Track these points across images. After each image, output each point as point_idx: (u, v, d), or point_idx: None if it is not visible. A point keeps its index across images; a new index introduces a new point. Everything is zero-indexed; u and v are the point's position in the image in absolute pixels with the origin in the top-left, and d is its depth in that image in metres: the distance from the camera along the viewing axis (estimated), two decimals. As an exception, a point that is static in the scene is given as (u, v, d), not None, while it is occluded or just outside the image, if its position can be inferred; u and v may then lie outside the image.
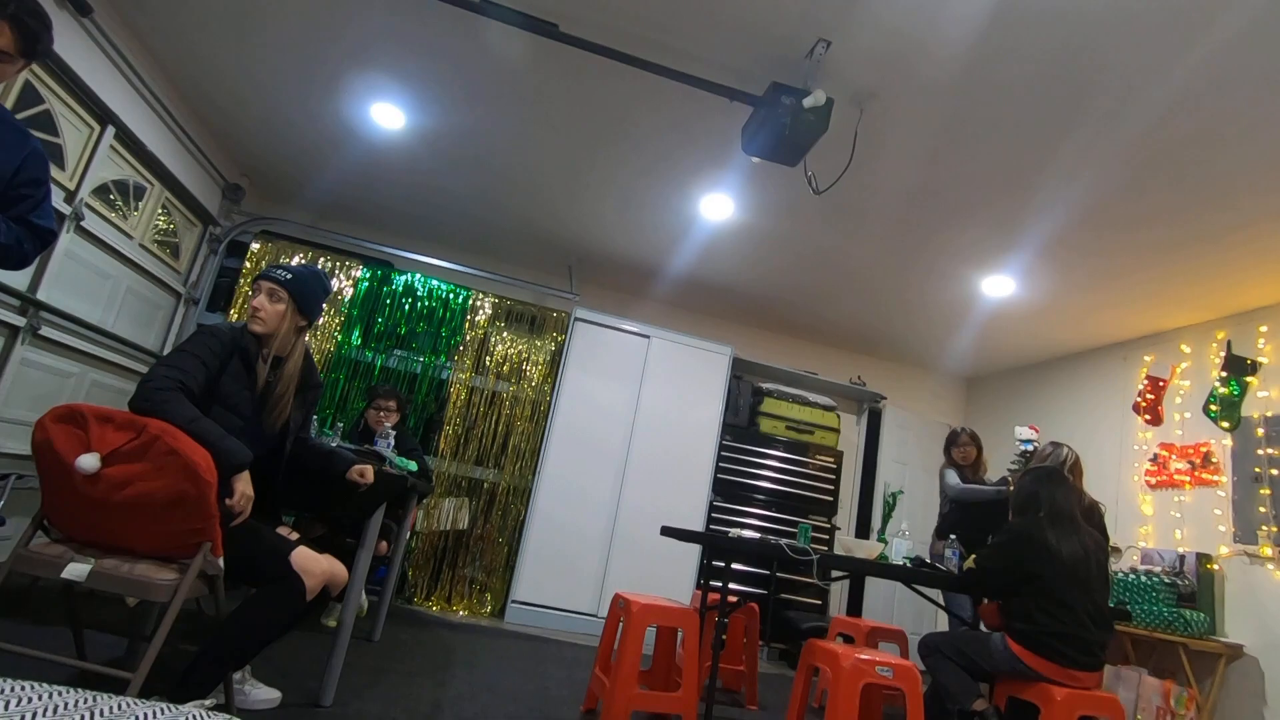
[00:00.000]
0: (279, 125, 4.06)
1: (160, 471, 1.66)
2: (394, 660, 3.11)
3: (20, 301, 3.10)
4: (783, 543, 2.77)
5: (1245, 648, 3.63)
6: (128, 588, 1.70)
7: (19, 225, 1.77)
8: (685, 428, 5.14)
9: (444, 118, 3.66)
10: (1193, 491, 4.16)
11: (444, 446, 4.85)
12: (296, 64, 3.40)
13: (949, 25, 2.44)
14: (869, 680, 2.40)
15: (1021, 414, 5.57)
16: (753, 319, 6.02)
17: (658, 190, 4.03)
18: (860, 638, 3.66)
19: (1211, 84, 2.48)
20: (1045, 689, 2.48)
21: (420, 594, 4.64)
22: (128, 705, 0.89)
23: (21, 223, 1.77)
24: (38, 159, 1.81)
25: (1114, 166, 3.04)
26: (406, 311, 5.01)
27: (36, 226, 1.81)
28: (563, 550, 4.77)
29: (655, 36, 2.77)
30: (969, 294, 4.65)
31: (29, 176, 1.77)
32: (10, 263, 1.80)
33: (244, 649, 1.86)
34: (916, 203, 3.66)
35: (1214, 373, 4.16)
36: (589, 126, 3.51)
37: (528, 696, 2.95)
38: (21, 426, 3.22)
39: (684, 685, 2.65)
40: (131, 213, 3.85)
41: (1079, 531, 2.68)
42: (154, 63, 3.60)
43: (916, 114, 2.96)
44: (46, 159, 1.85)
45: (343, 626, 2.40)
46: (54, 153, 3.15)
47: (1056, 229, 3.63)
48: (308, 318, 2.20)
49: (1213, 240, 3.45)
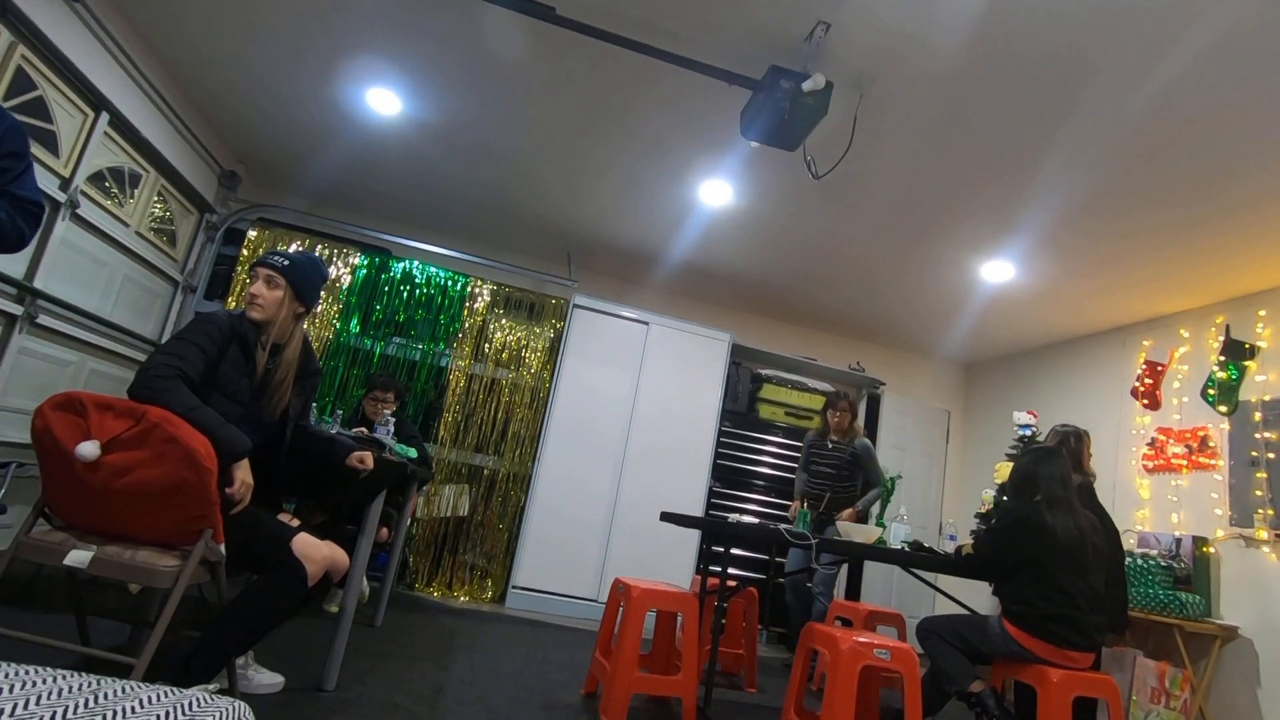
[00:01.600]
0: (275, 112, 4.03)
1: (160, 459, 1.66)
2: (396, 645, 3.14)
3: (17, 290, 3.09)
4: (781, 527, 2.79)
5: (1240, 630, 3.66)
6: (130, 574, 1.71)
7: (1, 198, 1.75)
8: (684, 414, 5.15)
9: (440, 103, 3.64)
10: (1190, 475, 4.18)
11: (444, 433, 4.86)
12: (291, 50, 3.37)
13: (949, 10, 2.42)
14: (867, 663, 2.42)
15: (1020, 399, 5.58)
16: (752, 305, 6.02)
17: (656, 176, 4.01)
18: (858, 621, 3.69)
19: (1207, 69, 2.47)
20: (1041, 670, 2.50)
21: (421, 580, 4.66)
22: (132, 689, 0.89)
23: (4, 195, 1.76)
24: (15, 133, 1.79)
25: (1112, 151, 3.02)
26: (405, 299, 5.00)
27: (19, 197, 1.79)
28: (563, 536, 4.80)
29: (653, 19, 2.74)
30: (968, 279, 4.64)
31: (7, 149, 1.76)
32: (8, 242, 1.79)
33: (247, 635, 1.88)
34: (916, 188, 3.65)
35: (1212, 357, 4.17)
36: (587, 111, 3.48)
37: (529, 680, 2.97)
38: (21, 415, 3.22)
39: (684, 669, 2.68)
40: (127, 200, 3.83)
41: (1074, 513, 2.69)
42: (148, 49, 3.57)
43: (916, 99, 2.94)
44: (24, 133, 1.84)
45: (345, 612, 2.42)
46: (48, 140, 3.13)
47: (1056, 214, 3.62)
48: (306, 304, 2.20)
49: (1211, 224, 3.44)
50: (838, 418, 4.38)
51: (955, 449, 6.30)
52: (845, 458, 4.32)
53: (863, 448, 4.39)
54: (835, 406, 4.41)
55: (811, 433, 4.60)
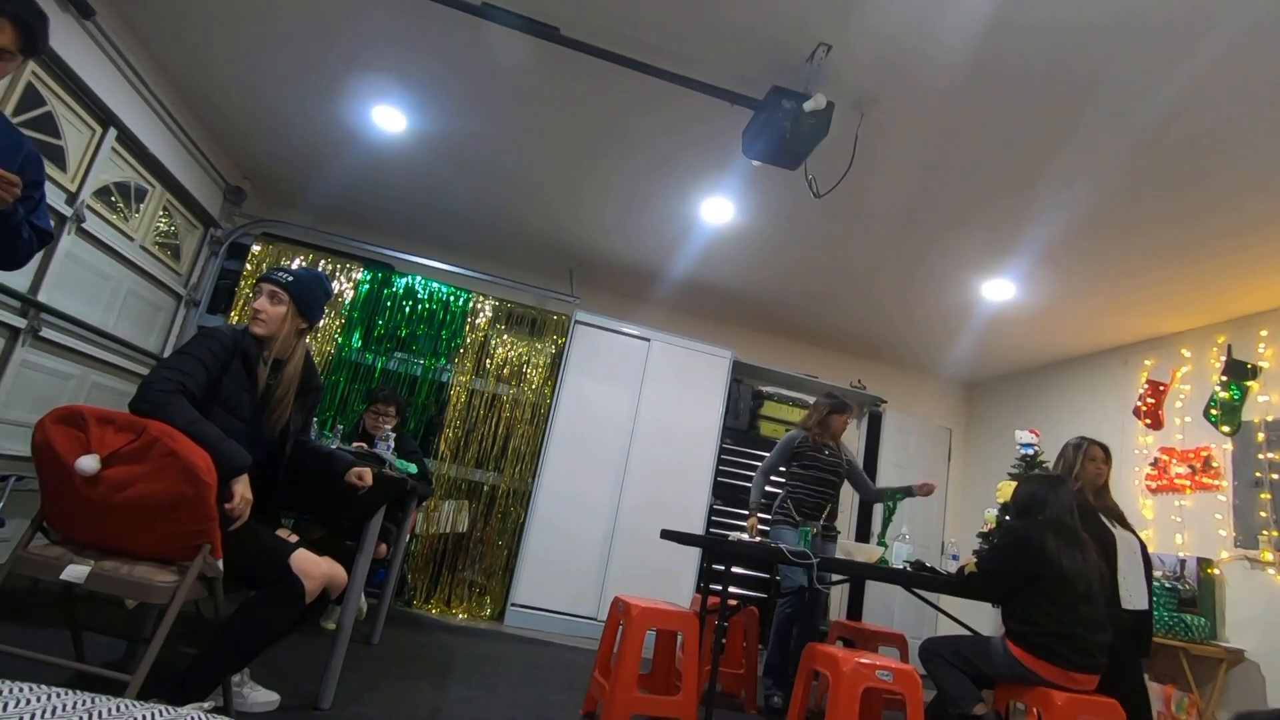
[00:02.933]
0: (280, 128, 4.07)
1: (160, 473, 1.65)
2: (393, 663, 3.11)
3: (21, 303, 3.10)
4: (783, 547, 2.77)
5: (1246, 653, 3.62)
6: (127, 589, 1.70)
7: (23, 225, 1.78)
8: (685, 431, 5.14)
9: (445, 121, 3.67)
10: (1193, 496, 4.15)
11: (444, 449, 4.85)
12: (298, 67, 3.41)
13: (949, 31, 2.45)
14: (869, 685, 2.39)
15: (1022, 418, 5.57)
16: (753, 322, 6.03)
17: (658, 194, 4.04)
18: (861, 642, 3.65)
19: (1209, 90, 2.49)
20: (1044, 693, 2.47)
21: (420, 597, 4.63)
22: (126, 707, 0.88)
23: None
24: (34, 161, 1.82)
25: (1114, 171, 3.04)
26: (407, 314, 5.01)
27: (37, 228, 1.82)
28: (562, 553, 4.77)
29: (656, 40, 2.77)
30: (969, 298, 4.65)
31: (28, 179, 1.77)
32: (16, 262, 1.81)
33: (243, 651, 1.86)
34: (917, 207, 3.67)
35: (1214, 377, 4.16)
36: (590, 130, 3.51)
37: (527, 700, 2.94)
38: (22, 428, 3.22)
39: (684, 689, 2.65)
40: (133, 214, 3.85)
41: (1081, 546, 2.66)
42: (156, 65, 3.61)
43: (917, 119, 2.96)
44: (42, 161, 1.86)
45: (342, 629, 2.40)
46: (55, 155, 3.16)
47: (1057, 233, 3.63)
48: (309, 320, 2.20)
49: (1213, 244, 3.45)
50: (844, 422, 3.92)
51: (957, 467, 6.27)
52: (843, 467, 3.89)
53: (854, 457, 4.09)
54: (845, 411, 3.92)
55: (800, 434, 3.90)
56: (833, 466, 3.85)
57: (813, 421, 3.90)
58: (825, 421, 3.89)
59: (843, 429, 3.94)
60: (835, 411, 3.90)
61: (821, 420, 3.89)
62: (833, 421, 3.89)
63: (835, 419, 3.89)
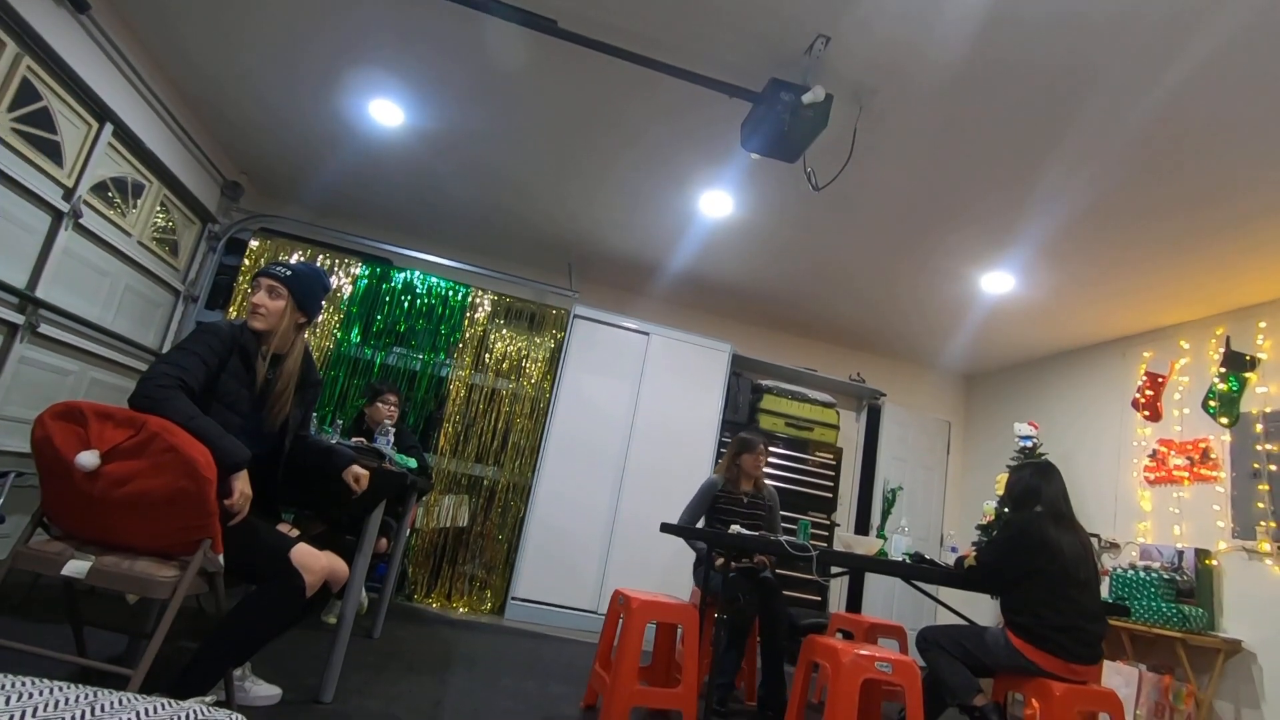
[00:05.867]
0: (277, 122, 4.05)
1: (159, 469, 1.65)
2: (394, 657, 3.12)
3: (19, 299, 3.10)
4: (782, 539, 2.78)
5: (1244, 643, 3.64)
6: (128, 584, 1.70)
7: None
8: (685, 424, 5.14)
9: (443, 115, 3.66)
10: (1191, 487, 4.16)
11: (444, 444, 4.85)
12: (295, 61, 3.40)
13: (948, 22, 2.44)
14: (868, 676, 2.40)
15: (1021, 410, 5.58)
16: (752, 316, 6.02)
17: (657, 187, 4.03)
18: (860, 634, 3.67)
19: (1207, 82, 2.48)
20: (1043, 684, 2.48)
21: (420, 591, 4.64)
22: (128, 701, 0.89)
23: None
24: None
25: (1112, 162, 3.04)
26: (406, 309, 5.01)
27: None
28: (562, 547, 4.78)
29: (654, 33, 2.76)
30: (968, 290, 4.64)
31: None
32: None
33: (244, 646, 1.87)
34: (916, 199, 3.66)
35: (1213, 369, 4.17)
36: (588, 123, 3.50)
37: (528, 693, 2.95)
38: (21, 424, 3.22)
39: (684, 681, 2.66)
40: (130, 210, 3.84)
41: (1076, 529, 2.69)
42: (152, 60, 3.59)
43: (915, 111, 2.95)
44: None
45: (343, 623, 2.40)
46: (52, 150, 3.15)
47: (1056, 225, 3.63)
48: (307, 315, 2.20)
49: (1212, 236, 3.45)
50: (756, 461, 3.67)
51: (956, 460, 6.28)
52: (762, 512, 3.62)
53: (773, 497, 3.78)
54: (754, 449, 3.68)
55: (716, 478, 3.66)
56: (752, 514, 3.60)
57: (724, 467, 3.72)
58: (737, 463, 3.69)
59: (757, 467, 3.70)
60: (744, 451, 3.70)
61: (732, 462, 3.70)
62: (744, 462, 3.69)
63: (745, 459, 3.69)
